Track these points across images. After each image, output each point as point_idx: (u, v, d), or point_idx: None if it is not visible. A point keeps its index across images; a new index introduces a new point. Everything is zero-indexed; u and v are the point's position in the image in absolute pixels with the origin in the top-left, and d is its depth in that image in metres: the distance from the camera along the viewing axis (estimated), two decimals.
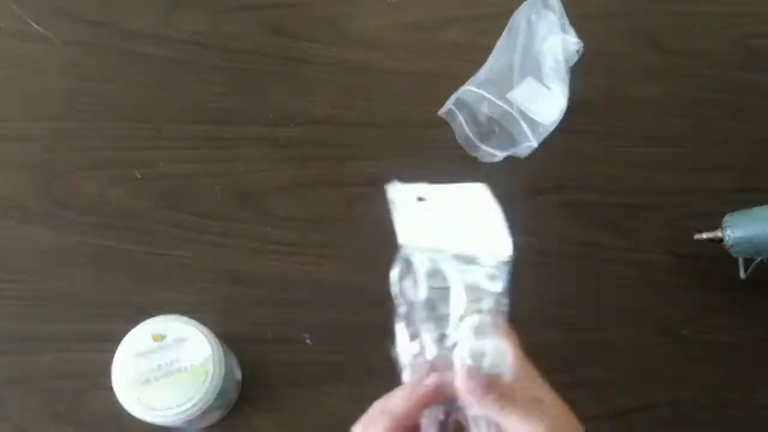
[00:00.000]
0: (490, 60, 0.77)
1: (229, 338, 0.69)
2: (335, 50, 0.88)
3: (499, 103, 0.75)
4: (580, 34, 0.76)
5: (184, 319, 0.64)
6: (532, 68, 0.77)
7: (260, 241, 0.77)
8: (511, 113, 0.75)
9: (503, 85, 0.79)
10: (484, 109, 0.77)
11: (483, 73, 0.77)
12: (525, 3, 0.76)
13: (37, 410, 0.69)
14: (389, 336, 0.71)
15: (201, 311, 0.70)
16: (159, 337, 0.62)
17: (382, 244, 0.77)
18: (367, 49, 0.88)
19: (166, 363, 0.61)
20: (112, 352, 0.63)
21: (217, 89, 0.84)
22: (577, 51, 0.76)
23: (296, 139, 0.82)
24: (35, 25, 0.87)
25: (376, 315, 0.73)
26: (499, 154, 0.79)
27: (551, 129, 0.75)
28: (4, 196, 0.79)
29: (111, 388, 0.62)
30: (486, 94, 0.75)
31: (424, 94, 0.84)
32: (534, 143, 0.75)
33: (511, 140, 0.78)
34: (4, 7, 0.88)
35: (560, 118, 0.74)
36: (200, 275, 0.75)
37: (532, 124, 0.75)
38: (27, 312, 0.73)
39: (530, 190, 0.79)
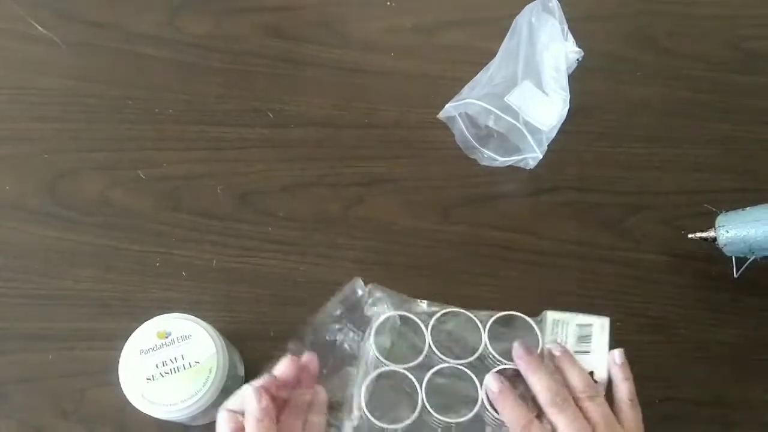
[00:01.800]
0: (492, 67, 0.78)
1: (231, 336, 0.70)
2: (335, 52, 0.88)
3: (506, 117, 0.76)
4: (579, 36, 0.76)
5: (188, 317, 0.65)
6: (533, 76, 0.77)
7: (261, 240, 0.78)
8: (517, 126, 0.76)
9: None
10: (490, 123, 0.77)
11: (485, 80, 0.77)
12: (526, 7, 0.77)
13: (42, 408, 0.70)
14: None
15: (203, 309, 0.71)
16: (164, 335, 0.63)
17: (382, 244, 0.78)
18: (366, 51, 0.89)
19: (170, 360, 0.62)
20: (115, 350, 0.64)
21: (219, 90, 0.85)
22: (578, 59, 0.76)
23: (296, 140, 0.83)
24: (39, 27, 0.88)
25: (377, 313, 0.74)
26: (500, 159, 0.79)
27: (553, 136, 0.75)
28: (7, 196, 0.79)
29: (115, 385, 0.62)
30: (492, 108, 0.76)
31: (423, 96, 0.85)
32: (539, 155, 0.76)
33: (514, 147, 0.78)
34: (7, 9, 0.89)
35: (560, 124, 0.75)
36: (202, 274, 0.76)
37: (537, 135, 0.76)
38: (31, 311, 0.74)
39: (529, 190, 0.79)
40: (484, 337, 0.67)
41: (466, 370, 0.65)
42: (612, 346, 0.66)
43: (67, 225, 0.78)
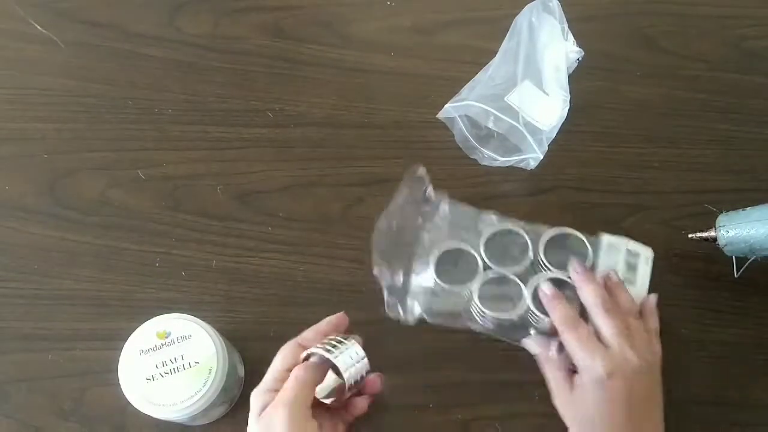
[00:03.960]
0: (492, 67, 0.78)
1: (231, 336, 0.70)
2: (335, 52, 0.88)
3: (506, 118, 0.76)
4: (579, 35, 0.76)
5: (188, 317, 0.65)
6: (534, 76, 0.77)
7: (261, 240, 0.78)
8: (517, 127, 0.76)
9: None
10: (490, 125, 0.77)
11: (485, 80, 0.77)
12: (526, 7, 0.77)
13: (42, 407, 0.70)
14: (387, 334, 0.73)
15: (203, 309, 0.71)
16: (163, 335, 0.63)
17: None
18: (366, 50, 0.89)
19: (170, 360, 0.62)
20: (115, 350, 0.64)
21: (219, 90, 0.85)
22: (578, 59, 0.76)
23: (296, 140, 0.83)
24: (38, 27, 0.88)
25: (377, 313, 0.74)
26: (501, 159, 0.79)
27: (553, 136, 0.75)
28: (8, 196, 0.79)
29: (115, 385, 0.63)
30: (491, 110, 0.76)
31: (423, 96, 0.85)
32: (540, 155, 0.76)
33: (514, 147, 0.78)
34: (7, 9, 0.89)
35: (560, 124, 0.75)
36: (202, 274, 0.76)
37: (537, 135, 0.76)
38: (31, 311, 0.74)
39: (529, 190, 0.79)
40: (541, 248, 0.71)
41: (516, 279, 0.70)
42: (652, 280, 0.71)
43: (67, 225, 0.78)
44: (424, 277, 0.72)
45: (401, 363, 0.72)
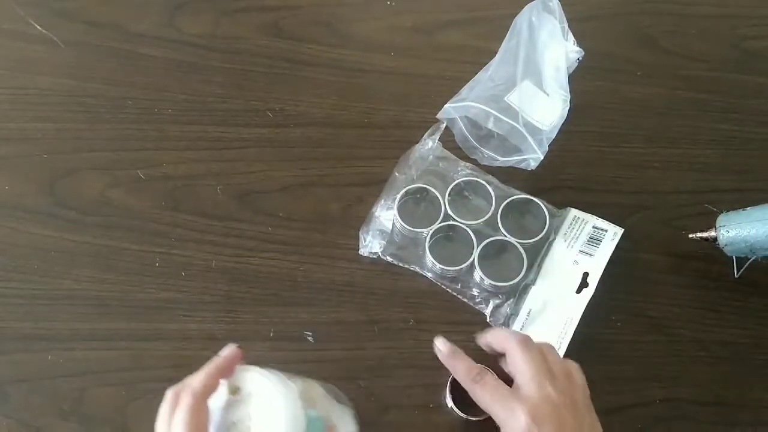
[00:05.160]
0: (492, 67, 0.78)
1: (231, 336, 0.70)
2: (335, 52, 0.88)
3: (506, 119, 0.76)
4: (579, 35, 0.76)
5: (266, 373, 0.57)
6: (534, 76, 0.77)
7: (261, 240, 0.78)
8: (517, 128, 0.76)
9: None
10: (490, 125, 0.77)
11: (484, 80, 0.77)
12: (526, 6, 0.77)
13: (42, 408, 0.70)
14: (389, 332, 0.73)
15: (203, 309, 0.71)
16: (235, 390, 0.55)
17: None
18: (366, 50, 0.89)
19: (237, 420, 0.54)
20: (114, 350, 0.64)
21: (219, 90, 0.85)
22: (578, 59, 0.76)
23: (296, 140, 0.83)
24: (38, 27, 0.88)
25: (377, 313, 0.74)
26: (501, 159, 0.79)
27: (553, 136, 0.75)
28: (7, 196, 0.79)
29: (115, 385, 0.62)
30: (491, 111, 0.76)
31: (423, 96, 0.85)
32: (540, 156, 0.76)
33: (514, 147, 0.78)
34: (6, 9, 0.89)
35: (560, 124, 0.75)
36: (202, 274, 0.76)
37: (538, 135, 0.76)
38: (30, 311, 0.74)
39: (529, 190, 0.79)
40: (500, 208, 0.77)
41: (471, 233, 0.76)
42: (618, 258, 0.75)
43: (67, 225, 0.78)
44: (386, 215, 0.77)
45: (401, 363, 0.72)
